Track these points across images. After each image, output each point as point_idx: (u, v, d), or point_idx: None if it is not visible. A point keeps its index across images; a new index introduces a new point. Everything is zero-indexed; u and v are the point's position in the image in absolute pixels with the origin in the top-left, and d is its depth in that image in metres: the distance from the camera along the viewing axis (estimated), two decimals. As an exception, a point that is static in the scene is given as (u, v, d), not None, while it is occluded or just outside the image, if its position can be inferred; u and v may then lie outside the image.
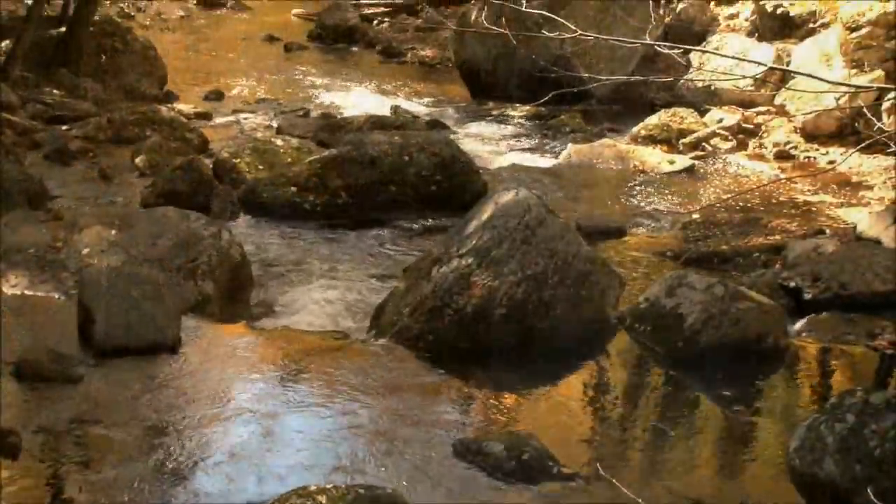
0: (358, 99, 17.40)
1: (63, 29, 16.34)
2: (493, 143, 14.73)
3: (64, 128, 13.87)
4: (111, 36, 16.81)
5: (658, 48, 6.97)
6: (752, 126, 14.42)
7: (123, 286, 7.29)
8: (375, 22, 24.74)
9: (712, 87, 14.98)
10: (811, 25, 15.96)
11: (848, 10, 14.30)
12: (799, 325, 8.30)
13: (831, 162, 12.91)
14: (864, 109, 12.13)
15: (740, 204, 11.55)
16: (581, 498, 5.66)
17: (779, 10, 15.60)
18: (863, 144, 10.62)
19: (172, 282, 7.87)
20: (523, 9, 6.62)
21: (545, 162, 13.67)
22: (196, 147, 13.34)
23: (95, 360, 6.87)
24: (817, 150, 13.57)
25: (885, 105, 12.86)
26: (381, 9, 25.93)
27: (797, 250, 9.51)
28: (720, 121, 14.50)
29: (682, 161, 13.24)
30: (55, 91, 15.11)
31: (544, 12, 7.07)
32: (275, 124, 15.13)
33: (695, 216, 11.13)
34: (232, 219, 10.76)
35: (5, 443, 5.60)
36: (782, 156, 13.60)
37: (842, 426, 5.18)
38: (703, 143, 14.04)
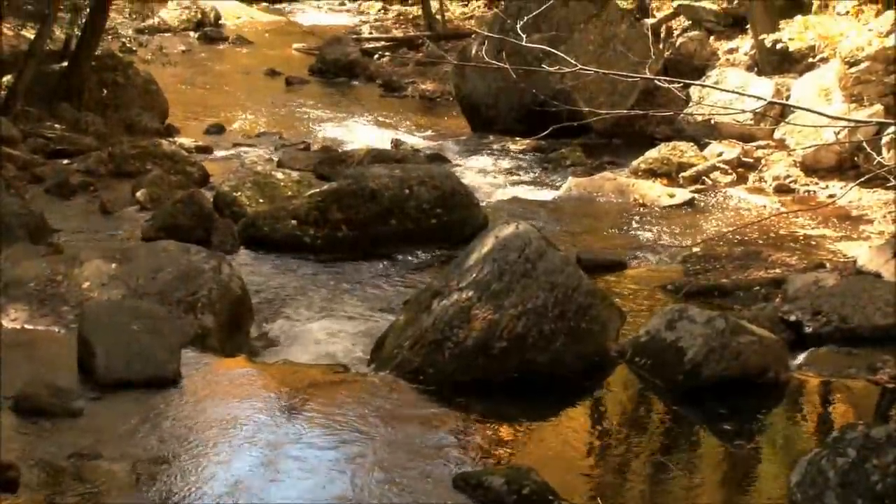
0: (358, 132, 17.47)
1: (65, 63, 16.42)
2: (494, 177, 14.76)
3: (65, 162, 13.92)
4: (113, 70, 16.89)
5: (658, 82, 6.99)
6: (751, 160, 14.46)
7: (124, 320, 7.29)
8: (376, 56, 24.86)
9: (712, 121, 15.02)
10: (810, 60, 16.02)
11: (847, 45, 14.35)
12: (800, 358, 8.28)
13: (831, 196, 12.93)
14: (864, 144, 12.18)
15: (740, 237, 11.56)
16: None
17: (778, 45, 15.64)
18: (862, 178, 10.65)
19: (173, 315, 7.86)
20: (524, 43, 6.64)
21: (546, 195, 13.70)
22: (197, 181, 13.39)
23: (96, 393, 6.85)
24: (817, 183, 13.59)
25: (885, 139, 12.88)
26: (382, 43, 26.07)
27: (797, 284, 9.50)
28: (720, 154, 14.53)
29: (682, 194, 13.26)
30: (57, 125, 15.16)
31: (544, 47, 7.10)
32: (275, 158, 15.17)
33: (695, 249, 11.13)
34: (232, 252, 10.78)
35: (4, 476, 5.58)
36: (782, 189, 13.62)
37: (843, 461, 5.16)
38: (703, 177, 14.07)
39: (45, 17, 15.23)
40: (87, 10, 16.69)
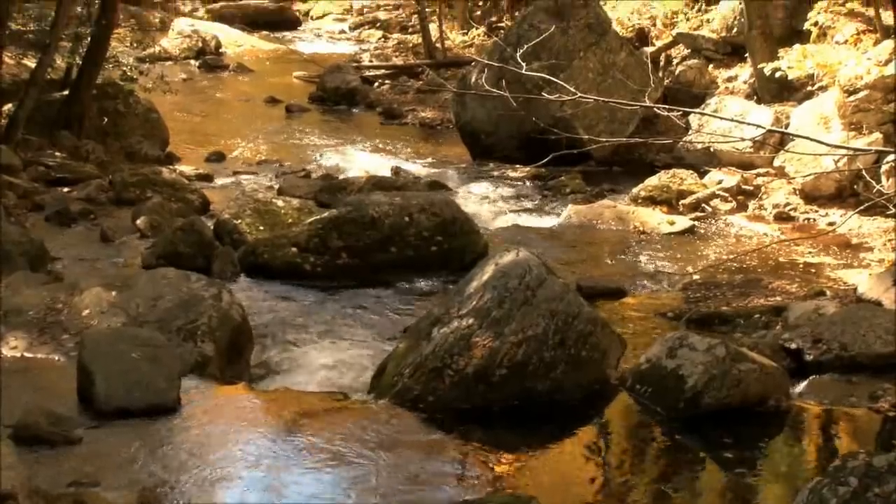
0: (359, 160, 17.49)
1: (66, 92, 16.46)
2: (494, 204, 14.78)
3: (66, 189, 13.93)
4: (114, 98, 16.94)
5: (657, 110, 7.01)
6: (751, 187, 14.47)
7: (123, 348, 7.28)
8: (376, 84, 24.92)
9: (712, 149, 15.05)
10: (809, 88, 16.06)
11: (846, 73, 14.40)
12: (800, 386, 8.27)
13: (831, 223, 12.95)
14: (863, 172, 12.19)
15: (741, 265, 11.56)
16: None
17: (777, 74, 15.69)
18: (862, 206, 10.66)
19: (172, 343, 7.85)
20: (523, 71, 6.66)
21: (546, 222, 13.72)
22: (197, 208, 13.41)
23: (95, 421, 6.84)
24: (817, 211, 13.60)
25: (884, 168, 12.90)
26: (382, 71, 26.15)
27: (798, 311, 9.51)
28: (720, 182, 14.56)
29: (682, 222, 13.28)
30: (57, 153, 15.19)
31: (544, 75, 7.12)
32: (276, 185, 15.20)
33: (695, 277, 11.15)
34: (233, 279, 10.78)
35: (3, 505, 5.57)
36: (782, 217, 13.64)
37: (844, 490, 5.14)
38: (703, 205, 14.08)
39: (47, 47, 15.27)
40: (89, 39, 16.74)
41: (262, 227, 11.89)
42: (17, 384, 7.23)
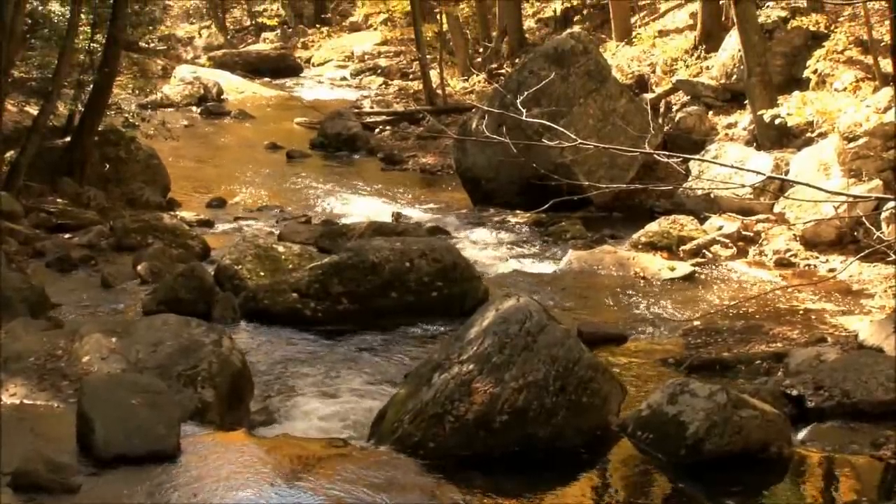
0: (359, 205, 17.54)
1: (68, 138, 16.52)
2: (494, 250, 14.79)
3: (66, 236, 13.96)
4: (115, 145, 17.01)
5: (657, 157, 7.04)
6: (751, 234, 14.49)
7: (123, 394, 7.26)
8: (377, 130, 25.03)
9: (712, 195, 15.07)
10: (809, 135, 16.11)
11: (845, 120, 14.45)
12: (802, 433, 8.24)
13: (831, 270, 12.94)
14: (864, 218, 12.20)
15: (742, 311, 11.54)
16: None
17: (776, 121, 15.74)
18: (863, 253, 10.67)
19: (172, 389, 7.83)
20: (524, 118, 6.68)
21: (546, 268, 13.72)
22: (198, 254, 13.43)
23: (94, 469, 6.80)
24: (817, 258, 13.60)
25: (884, 214, 12.91)
26: (383, 117, 26.26)
27: (799, 358, 9.49)
28: (720, 228, 14.57)
29: (683, 268, 13.28)
30: (59, 199, 15.23)
31: (544, 121, 7.15)
32: (277, 231, 15.23)
33: (696, 323, 11.13)
34: (233, 325, 10.78)
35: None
36: (782, 263, 13.63)
37: (848, 537, 5.12)
38: (704, 251, 14.09)
39: (49, 94, 15.35)
40: (91, 86, 16.83)
41: (262, 273, 11.89)
42: (17, 431, 7.20)
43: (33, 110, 16.29)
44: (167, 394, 7.53)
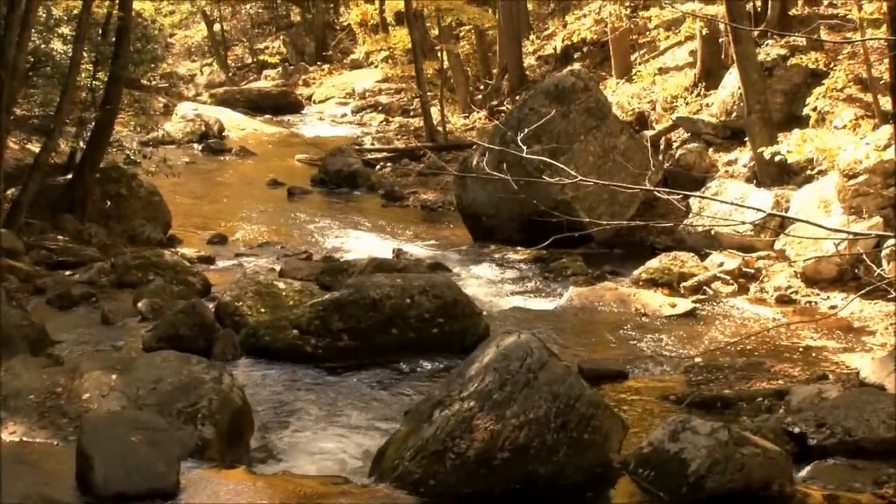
0: (360, 242, 17.56)
1: (70, 176, 16.57)
2: (495, 286, 14.79)
3: (67, 273, 13.97)
4: (117, 182, 17.07)
5: (658, 193, 7.05)
6: (752, 270, 14.49)
7: (123, 432, 7.23)
8: (378, 167, 25.09)
9: (712, 232, 15.10)
10: (809, 172, 16.16)
11: (845, 157, 14.48)
12: (804, 471, 8.20)
13: (832, 307, 12.94)
14: (864, 256, 12.21)
15: (743, 348, 11.53)
16: None
17: (776, 158, 15.78)
18: (864, 290, 10.65)
19: (172, 426, 7.80)
20: (524, 154, 6.70)
21: (547, 304, 13.72)
22: (199, 291, 13.44)
23: (93, 506, 6.78)
24: (818, 294, 13.61)
25: (885, 251, 12.93)
26: (384, 154, 26.32)
27: (801, 395, 9.46)
28: (721, 265, 14.58)
29: (684, 304, 13.27)
30: (60, 236, 15.26)
31: (545, 158, 7.17)
32: (277, 267, 15.24)
33: (697, 360, 11.12)
34: (234, 362, 10.77)
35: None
36: (783, 300, 13.63)
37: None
38: (705, 287, 14.10)
39: (51, 132, 15.40)
40: (93, 123, 16.89)
41: (263, 310, 11.89)
42: (16, 469, 7.18)
43: (35, 148, 16.34)
44: (167, 431, 7.50)
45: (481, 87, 31.00)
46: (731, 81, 19.02)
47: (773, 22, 19.68)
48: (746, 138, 17.95)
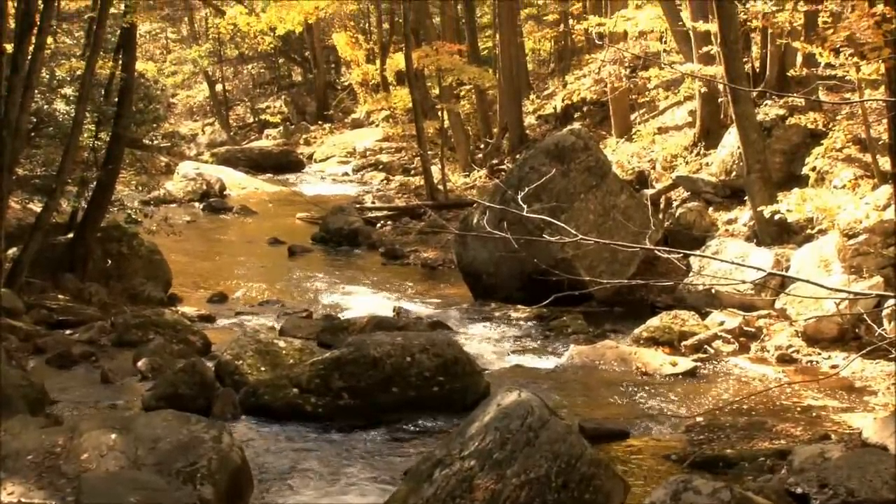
0: (361, 300, 17.56)
1: (71, 235, 16.60)
2: (496, 345, 14.77)
3: (67, 332, 13.96)
4: (118, 241, 17.10)
5: (658, 252, 7.06)
6: (753, 329, 14.48)
7: (121, 492, 7.21)
8: (378, 225, 25.15)
9: (713, 291, 15.09)
10: (809, 231, 16.19)
11: (845, 217, 14.51)
12: (807, 531, 8.16)
13: (834, 366, 12.91)
14: (865, 315, 12.19)
15: (744, 407, 11.49)
16: None
17: (776, 217, 15.82)
18: (865, 350, 10.63)
19: (171, 486, 7.77)
20: (525, 213, 6.73)
21: (547, 363, 13.69)
22: (199, 349, 13.42)
23: (90, 567, 6.73)
24: (819, 354, 13.58)
25: (885, 311, 12.92)
26: (385, 212, 26.39)
27: (803, 455, 9.42)
28: (721, 324, 14.56)
29: (685, 363, 13.24)
30: (60, 296, 15.26)
31: (545, 217, 7.20)
32: (278, 326, 15.23)
33: (698, 419, 11.07)
34: (233, 420, 10.74)
35: None
36: (784, 359, 13.60)
37: None
38: (706, 346, 14.07)
39: (53, 191, 15.45)
40: (94, 183, 16.95)
41: (263, 368, 11.87)
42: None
43: (37, 207, 16.38)
44: (166, 491, 7.48)
45: (482, 146, 31.15)
46: (731, 141, 19.11)
47: (771, 82, 19.80)
48: (746, 197, 18.00)
